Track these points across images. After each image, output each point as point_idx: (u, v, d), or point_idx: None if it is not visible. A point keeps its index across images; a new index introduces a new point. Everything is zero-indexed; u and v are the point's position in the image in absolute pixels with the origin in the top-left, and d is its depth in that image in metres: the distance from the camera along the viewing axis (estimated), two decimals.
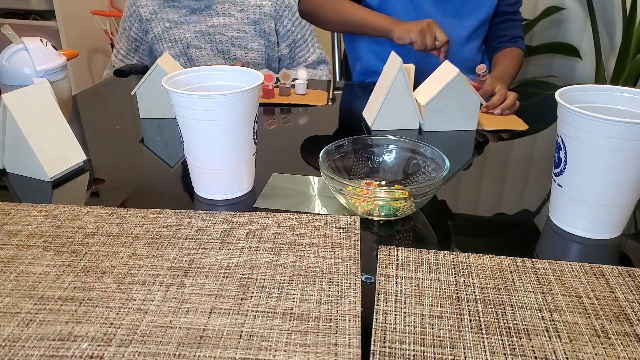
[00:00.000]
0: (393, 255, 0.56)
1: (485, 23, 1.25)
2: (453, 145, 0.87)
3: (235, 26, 1.32)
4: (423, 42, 1.03)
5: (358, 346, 0.44)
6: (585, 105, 0.59)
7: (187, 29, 1.31)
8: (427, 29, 1.04)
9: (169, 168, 0.77)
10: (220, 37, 1.31)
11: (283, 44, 1.38)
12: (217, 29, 1.31)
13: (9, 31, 0.82)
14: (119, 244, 0.57)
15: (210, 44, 1.32)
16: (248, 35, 1.33)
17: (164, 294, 0.49)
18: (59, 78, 0.85)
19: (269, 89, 1.08)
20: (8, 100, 0.70)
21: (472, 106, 0.91)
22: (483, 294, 0.50)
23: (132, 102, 1.12)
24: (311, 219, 0.62)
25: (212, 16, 1.31)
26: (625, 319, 0.47)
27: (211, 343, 0.44)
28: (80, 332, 0.45)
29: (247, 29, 1.32)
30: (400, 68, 0.86)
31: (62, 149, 0.74)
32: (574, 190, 0.59)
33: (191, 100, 0.60)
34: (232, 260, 0.55)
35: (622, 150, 0.54)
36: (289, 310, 0.48)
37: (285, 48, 1.38)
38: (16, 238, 0.58)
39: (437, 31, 1.04)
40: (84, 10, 2.39)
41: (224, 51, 1.33)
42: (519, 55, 1.25)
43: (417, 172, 0.68)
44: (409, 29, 1.05)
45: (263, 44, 1.35)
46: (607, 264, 0.55)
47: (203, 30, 1.31)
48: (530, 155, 0.85)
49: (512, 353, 0.43)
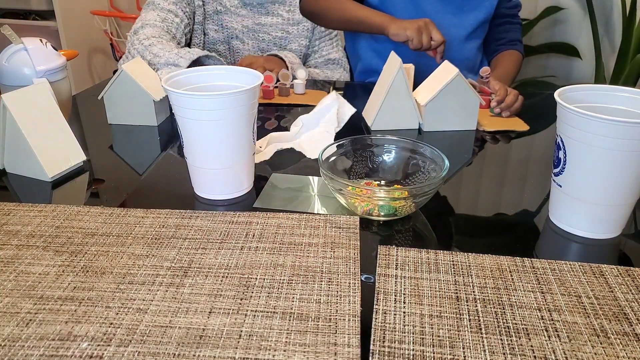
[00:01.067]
0: (392, 255, 0.56)
1: (485, 23, 1.25)
2: (453, 145, 0.87)
3: (280, 26, 1.32)
4: (419, 41, 1.03)
5: (357, 346, 0.44)
6: (584, 105, 0.59)
7: (236, 20, 1.31)
8: (423, 28, 1.04)
9: (169, 168, 0.77)
10: (264, 36, 1.32)
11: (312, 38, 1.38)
12: (264, 27, 1.31)
13: (8, 31, 0.82)
14: (118, 244, 0.57)
15: (254, 40, 1.32)
16: (291, 35, 1.33)
17: (164, 294, 0.50)
18: (59, 78, 0.85)
19: (269, 90, 1.08)
20: (8, 100, 0.70)
21: (471, 106, 0.91)
22: (482, 294, 0.50)
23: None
24: (311, 219, 0.62)
25: (261, 14, 1.31)
26: (624, 319, 0.47)
27: (211, 343, 0.44)
28: (79, 332, 0.45)
29: (291, 30, 1.33)
30: (400, 68, 0.86)
31: (62, 149, 0.74)
32: (574, 190, 0.59)
33: (191, 100, 0.60)
34: (231, 260, 0.55)
35: (622, 150, 0.54)
36: (288, 310, 0.48)
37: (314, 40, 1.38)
38: (16, 238, 0.58)
39: (433, 31, 1.04)
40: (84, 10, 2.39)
41: (264, 49, 1.33)
42: (517, 58, 1.26)
43: (416, 172, 0.69)
44: (405, 27, 1.05)
45: (304, 45, 1.35)
46: (607, 264, 0.55)
47: (249, 27, 1.31)
48: (529, 155, 0.85)
49: (511, 352, 0.43)
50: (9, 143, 0.73)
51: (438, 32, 1.04)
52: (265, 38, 1.32)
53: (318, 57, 1.38)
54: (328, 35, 1.39)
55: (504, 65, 1.21)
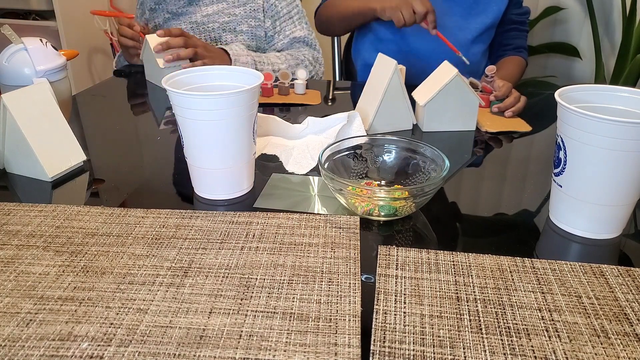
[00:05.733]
0: (393, 255, 0.56)
1: (491, 28, 1.25)
2: (453, 146, 0.87)
3: (226, 11, 1.32)
4: (399, 18, 1.04)
5: (358, 346, 0.44)
6: (585, 105, 0.59)
7: (184, 20, 1.32)
8: (402, 5, 1.04)
9: (169, 168, 0.77)
10: (212, 25, 1.32)
11: (268, 19, 1.37)
12: (211, 17, 1.31)
13: (9, 31, 0.82)
14: (119, 244, 0.57)
15: (204, 33, 1.32)
16: (237, 17, 1.32)
17: (164, 294, 0.50)
18: (59, 78, 0.85)
19: (268, 88, 1.08)
20: (8, 100, 0.70)
21: (471, 106, 0.91)
22: (483, 294, 0.50)
23: (132, 101, 1.12)
24: (311, 219, 0.62)
25: (206, 5, 1.31)
26: (624, 319, 0.47)
27: (211, 343, 0.44)
28: (80, 332, 0.45)
29: (237, 12, 1.32)
30: (395, 69, 0.86)
31: (62, 149, 0.74)
32: (574, 190, 0.59)
33: (191, 100, 0.60)
34: (232, 260, 0.55)
35: (622, 150, 0.54)
36: (288, 310, 0.48)
37: (268, 21, 1.36)
38: (16, 238, 0.58)
39: (414, 3, 1.03)
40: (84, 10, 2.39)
41: (215, 38, 1.33)
42: (521, 64, 1.26)
43: (416, 172, 0.69)
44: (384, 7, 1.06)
45: (253, 25, 1.34)
46: (607, 264, 0.55)
47: (198, 21, 1.31)
48: (530, 155, 0.85)
49: (511, 353, 0.43)
50: (9, 143, 0.73)
51: (420, 3, 1.03)
52: (214, 27, 1.32)
53: (283, 38, 1.37)
54: (288, 14, 1.38)
55: (506, 69, 1.22)
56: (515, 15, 1.27)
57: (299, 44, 1.38)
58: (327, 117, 0.85)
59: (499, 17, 1.23)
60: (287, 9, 1.37)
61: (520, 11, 1.28)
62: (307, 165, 0.76)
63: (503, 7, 1.22)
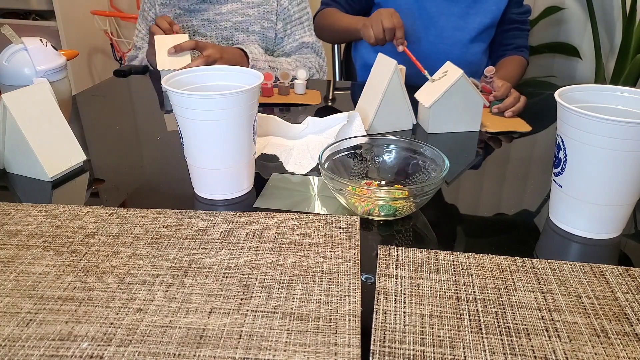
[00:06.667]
0: (393, 255, 0.56)
1: (491, 28, 1.25)
2: (453, 146, 0.87)
3: (240, 11, 1.33)
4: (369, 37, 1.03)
5: (358, 346, 0.44)
6: (585, 105, 0.59)
7: (196, 17, 1.32)
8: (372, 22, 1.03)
9: (169, 168, 0.77)
10: (225, 24, 1.32)
11: (280, 21, 1.38)
12: (224, 15, 1.32)
13: (9, 31, 0.82)
14: (119, 244, 0.57)
15: (216, 30, 1.32)
16: (251, 18, 1.33)
17: (164, 294, 0.50)
18: (59, 78, 0.85)
19: (268, 88, 1.08)
20: (8, 100, 0.70)
21: (475, 107, 0.90)
22: (483, 294, 0.50)
23: (132, 102, 1.12)
24: (311, 219, 0.62)
25: (221, 4, 1.32)
26: (624, 319, 0.47)
27: (211, 343, 0.44)
28: (80, 332, 0.45)
29: (251, 12, 1.33)
30: (395, 70, 0.86)
31: (62, 149, 0.74)
32: (574, 190, 0.59)
33: (191, 100, 0.60)
34: (232, 260, 0.55)
35: (622, 150, 0.54)
36: (288, 310, 0.48)
37: (280, 23, 1.37)
38: (16, 238, 0.58)
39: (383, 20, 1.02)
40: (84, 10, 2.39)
41: (227, 37, 1.33)
42: (522, 64, 1.26)
43: (417, 172, 0.69)
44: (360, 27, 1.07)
45: (265, 26, 1.35)
46: (607, 264, 0.55)
47: (210, 19, 1.32)
48: (530, 155, 0.85)
49: (511, 353, 0.43)
50: (9, 143, 0.73)
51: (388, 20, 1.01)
52: (227, 25, 1.32)
53: (292, 42, 1.38)
54: (299, 19, 1.39)
55: (507, 69, 1.21)
56: (515, 15, 1.26)
57: (307, 50, 1.40)
58: (327, 117, 0.85)
59: (499, 17, 1.23)
60: (298, 13, 1.38)
61: (521, 10, 1.28)
62: (307, 165, 0.76)
63: (502, 6, 1.22)
